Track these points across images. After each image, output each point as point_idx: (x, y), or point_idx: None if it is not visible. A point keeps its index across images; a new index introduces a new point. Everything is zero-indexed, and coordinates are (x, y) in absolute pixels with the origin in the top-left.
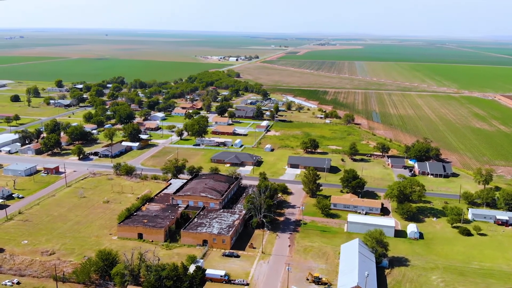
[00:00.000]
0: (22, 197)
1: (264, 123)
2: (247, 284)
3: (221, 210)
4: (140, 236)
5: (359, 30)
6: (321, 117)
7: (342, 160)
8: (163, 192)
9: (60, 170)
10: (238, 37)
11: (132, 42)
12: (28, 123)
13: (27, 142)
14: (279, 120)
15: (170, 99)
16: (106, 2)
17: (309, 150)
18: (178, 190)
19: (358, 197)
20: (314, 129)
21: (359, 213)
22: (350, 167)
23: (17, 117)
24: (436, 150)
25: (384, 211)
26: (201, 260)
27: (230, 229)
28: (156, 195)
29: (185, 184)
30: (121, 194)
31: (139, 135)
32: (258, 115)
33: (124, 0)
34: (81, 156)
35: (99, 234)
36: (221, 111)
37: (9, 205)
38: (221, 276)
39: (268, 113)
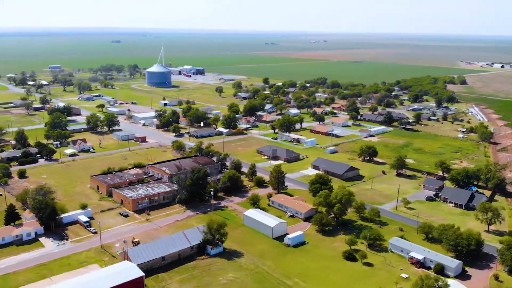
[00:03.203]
0: (94, 151)
1: (375, 128)
2: (95, 232)
3: (166, 183)
4: (98, 188)
5: None
6: (463, 131)
7: (383, 172)
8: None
9: (147, 140)
10: None
11: (411, 47)
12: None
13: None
14: (404, 128)
15: (333, 99)
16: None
17: (365, 158)
18: (158, 163)
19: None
20: (426, 141)
21: (286, 213)
22: (386, 179)
23: (188, 102)
24: (497, 179)
25: None
26: (89, 209)
27: (141, 195)
28: (149, 164)
29: (175, 159)
30: (147, 161)
31: (235, 123)
32: (386, 120)
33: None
34: (176, 134)
35: (84, 182)
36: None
37: (78, 155)
38: (84, 222)
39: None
